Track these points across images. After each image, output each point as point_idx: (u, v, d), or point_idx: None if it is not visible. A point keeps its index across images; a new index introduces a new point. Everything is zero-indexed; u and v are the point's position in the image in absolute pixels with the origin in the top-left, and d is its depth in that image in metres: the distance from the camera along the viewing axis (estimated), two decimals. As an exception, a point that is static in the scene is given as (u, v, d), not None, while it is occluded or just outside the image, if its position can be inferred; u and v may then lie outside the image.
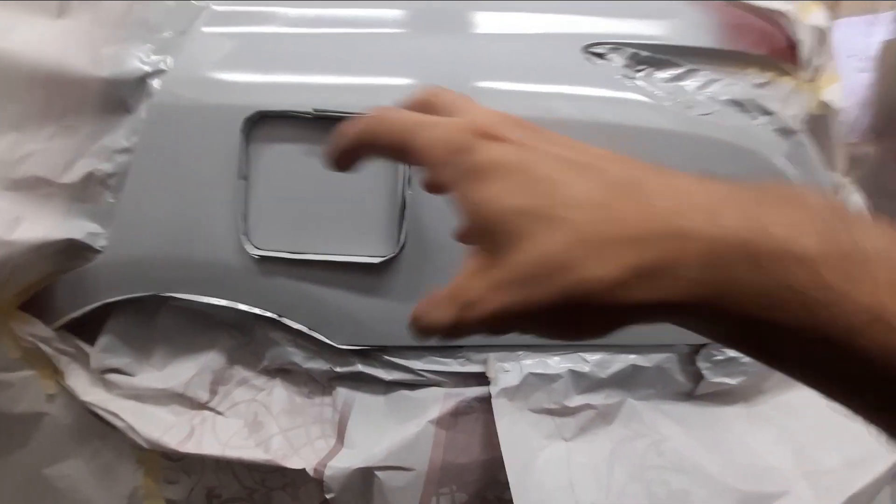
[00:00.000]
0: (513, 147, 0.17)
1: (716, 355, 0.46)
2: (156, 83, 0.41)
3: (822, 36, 0.49)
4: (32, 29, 0.36)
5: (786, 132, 0.46)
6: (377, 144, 0.19)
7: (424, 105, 0.20)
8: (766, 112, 0.46)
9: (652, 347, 0.45)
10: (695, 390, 0.47)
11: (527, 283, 0.16)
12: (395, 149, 0.19)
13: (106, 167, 0.41)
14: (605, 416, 0.44)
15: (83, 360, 0.44)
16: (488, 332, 0.17)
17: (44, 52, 0.37)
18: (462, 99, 0.20)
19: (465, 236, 0.18)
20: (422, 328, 0.18)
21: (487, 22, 0.46)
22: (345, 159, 0.20)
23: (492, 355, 0.45)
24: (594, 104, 0.43)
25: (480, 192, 0.16)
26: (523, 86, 0.43)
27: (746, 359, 0.45)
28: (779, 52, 0.48)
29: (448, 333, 0.18)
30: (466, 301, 0.17)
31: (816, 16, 0.49)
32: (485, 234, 0.17)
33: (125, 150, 0.41)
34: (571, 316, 0.16)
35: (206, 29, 0.42)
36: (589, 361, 0.44)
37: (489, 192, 0.16)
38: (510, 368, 0.44)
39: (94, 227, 0.42)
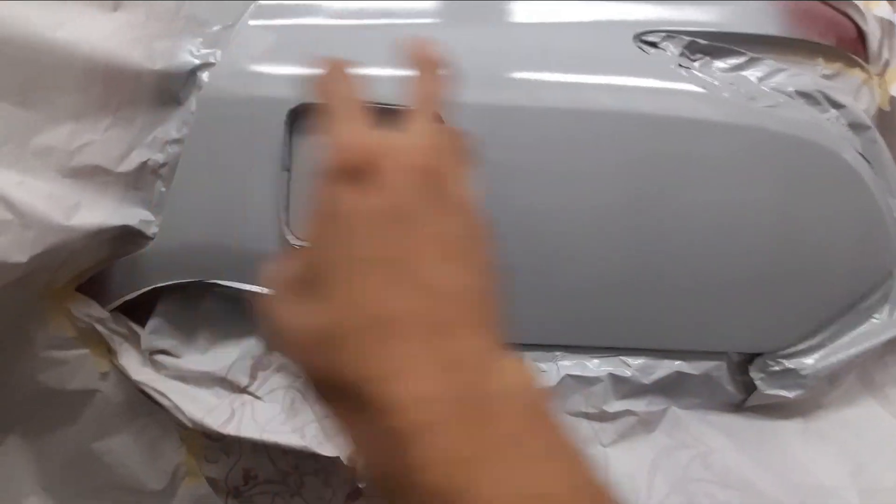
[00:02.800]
0: (358, 206, 0.16)
1: (771, 366, 0.42)
2: (205, 76, 0.41)
3: (890, 28, 0.44)
4: (90, 22, 0.37)
5: (858, 127, 0.42)
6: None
7: (414, 58, 0.19)
8: (837, 105, 0.42)
9: (700, 354, 0.42)
10: (745, 402, 0.43)
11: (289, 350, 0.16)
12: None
13: (158, 157, 0.42)
14: (647, 423, 0.41)
15: (135, 340, 0.45)
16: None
17: (100, 46, 0.37)
18: (419, 85, 0.18)
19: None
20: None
21: (533, 11, 0.44)
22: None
23: (527, 355, 0.43)
24: (642, 95, 0.41)
25: (309, 230, 0.16)
26: (566, 76, 0.41)
27: (806, 371, 0.42)
28: (847, 42, 0.44)
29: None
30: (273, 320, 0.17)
31: (883, 7, 0.45)
32: (306, 263, 0.17)
33: (176, 142, 0.42)
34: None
35: (252, 22, 0.42)
36: (631, 366, 0.42)
37: (310, 232, 0.16)
38: (546, 369, 0.42)
39: (146, 215, 0.43)
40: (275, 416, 0.45)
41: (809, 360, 0.42)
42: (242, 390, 0.46)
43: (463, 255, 0.16)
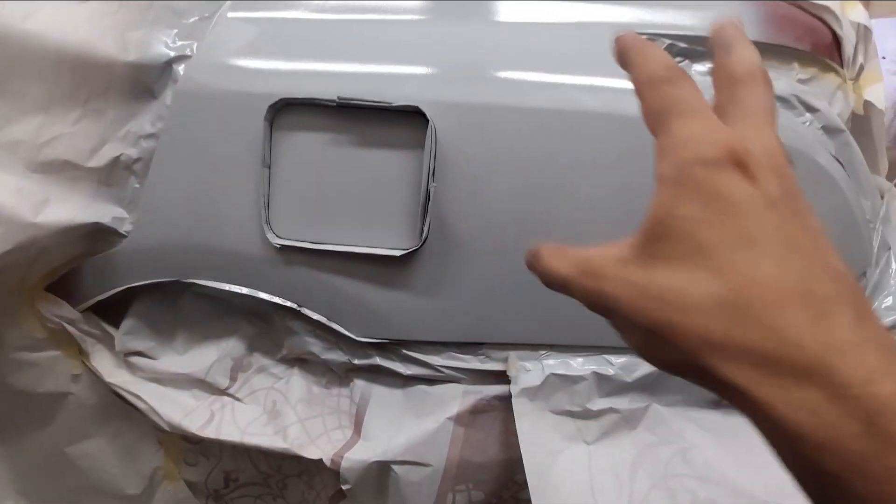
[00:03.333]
0: (755, 196, 0.16)
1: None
2: (181, 69, 0.39)
3: (865, 33, 0.45)
4: (60, 11, 0.35)
5: (832, 131, 0.42)
6: (637, 89, 0.18)
7: (724, 67, 0.19)
8: (812, 109, 0.42)
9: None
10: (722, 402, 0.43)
11: (652, 303, 0.16)
12: (646, 112, 0.18)
13: (132, 152, 0.40)
14: (630, 420, 0.41)
15: (108, 342, 0.43)
16: (584, 304, 0.18)
17: (70, 35, 0.35)
18: (758, 95, 0.18)
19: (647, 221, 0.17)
20: (536, 267, 0.19)
21: (515, 11, 0.43)
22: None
23: (513, 354, 0.42)
24: (622, 97, 0.40)
25: (691, 210, 0.16)
26: (547, 76, 0.41)
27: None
28: (822, 47, 0.44)
29: (552, 284, 0.18)
30: (593, 272, 0.17)
31: (858, 12, 0.45)
32: (657, 232, 0.16)
33: (150, 136, 0.40)
34: (663, 350, 0.16)
35: (231, 14, 0.41)
36: (614, 364, 0.41)
37: (696, 215, 0.16)
38: (531, 368, 0.42)
39: (119, 212, 0.41)
40: (256, 417, 0.43)
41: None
42: (222, 392, 0.45)
43: (830, 243, 0.16)
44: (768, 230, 0.15)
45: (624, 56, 0.19)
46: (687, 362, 0.15)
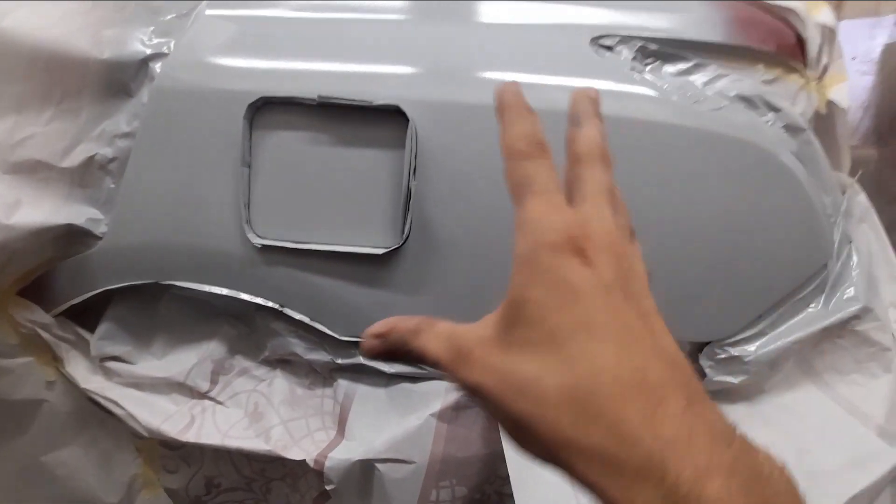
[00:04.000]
0: (592, 282, 0.16)
1: (719, 354, 0.44)
2: (157, 67, 0.39)
3: (829, 34, 0.47)
4: (33, 10, 0.34)
5: (794, 130, 0.44)
6: (502, 152, 0.19)
7: (571, 142, 0.19)
8: (774, 109, 0.43)
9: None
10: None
11: (513, 393, 0.16)
12: (506, 180, 0.18)
13: (107, 152, 0.39)
14: (608, 412, 0.41)
15: (83, 347, 0.42)
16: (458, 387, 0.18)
17: (45, 34, 0.34)
18: (597, 175, 0.18)
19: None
20: (409, 346, 0.18)
21: (494, 11, 0.43)
22: None
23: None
24: (601, 97, 0.41)
25: (540, 295, 0.16)
26: (526, 76, 0.41)
27: (749, 358, 0.43)
28: (787, 49, 0.46)
29: (424, 362, 0.18)
30: (462, 355, 0.17)
31: (824, 14, 0.47)
32: (515, 315, 0.16)
33: (126, 135, 0.39)
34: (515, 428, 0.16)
35: (209, 12, 0.40)
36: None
37: (544, 300, 0.16)
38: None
39: (94, 213, 0.40)
40: (238, 421, 0.42)
41: (752, 348, 0.43)
42: (203, 396, 0.43)
43: (668, 331, 0.17)
44: (605, 316, 0.15)
45: (499, 112, 0.19)
46: (549, 456, 0.15)
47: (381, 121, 0.39)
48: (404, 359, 0.19)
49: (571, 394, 0.15)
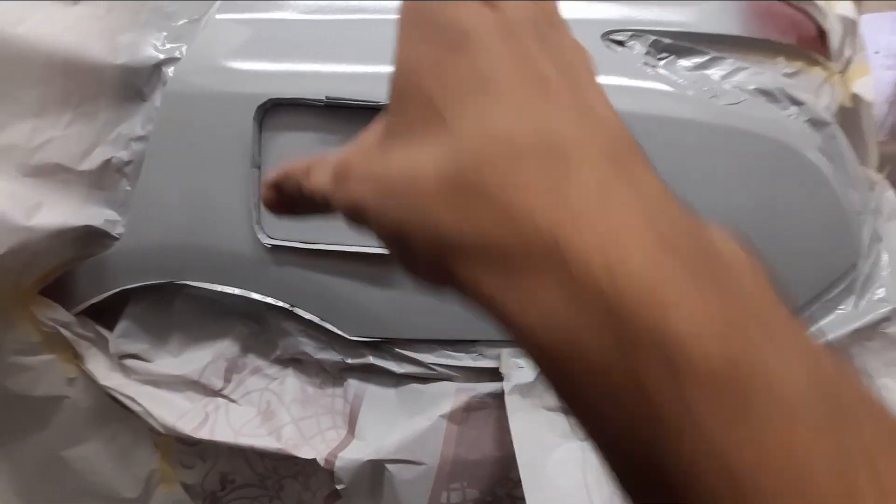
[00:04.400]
0: (489, 21, 0.11)
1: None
2: (170, 71, 0.39)
3: (851, 26, 0.45)
4: (49, 16, 0.35)
5: (818, 124, 0.42)
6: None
7: None
8: (797, 102, 0.41)
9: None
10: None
11: (387, 199, 0.12)
12: None
13: (123, 155, 0.40)
14: (622, 415, 0.40)
15: (102, 345, 0.43)
16: (346, 220, 0.13)
17: (61, 40, 0.35)
18: None
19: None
20: (304, 190, 0.14)
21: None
22: None
23: (505, 351, 0.42)
24: (612, 93, 0.39)
25: (420, 54, 0.11)
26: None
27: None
28: (808, 41, 0.44)
29: (319, 205, 0.14)
30: (343, 173, 0.13)
31: (845, 6, 0.45)
32: (394, 101, 0.12)
33: (141, 138, 0.39)
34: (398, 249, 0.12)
35: (219, 17, 0.40)
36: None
37: (424, 59, 0.11)
38: (524, 365, 0.41)
39: (111, 215, 0.40)
40: (250, 419, 0.43)
41: (778, 351, 0.41)
42: (216, 393, 0.44)
43: (597, 81, 0.12)
44: (505, 65, 0.11)
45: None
46: (432, 270, 0.11)
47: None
48: (304, 207, 0.15)
49: (452, 175, 0.11)
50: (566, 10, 0.50)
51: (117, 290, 0.41)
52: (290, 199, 0.15)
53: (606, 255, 0.09)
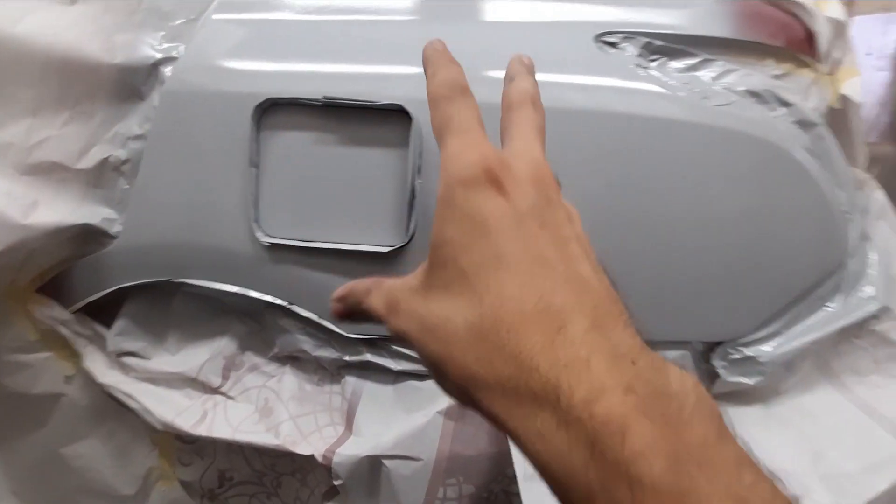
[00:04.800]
0: (505, 212, 0.15)
1: (732, 354, 0.42)
2: (168, 71, 0.39)
3: (840, 28, 0.45)
4: (46, 15, 0.35)
5: (806, 124, 0.42)
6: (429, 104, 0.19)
7: (505, 95, 0.20)
8: (785, 103, 0.42)
9: (664, 344, 0.42)
10: (709, 389, 0.43)
11: (428, 335, 0.16)
12: (433, 127, 0.18)
13: (120, 154, 0.39)
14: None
15: (100, 342, 0.43)
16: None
17: (57, 39, 0.35)
18: (528, 116, 0.19)
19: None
20: (362, 308, 0.19)
21: (498, 10, 0.43)
22: None
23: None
24: (606, 94, 0.40)
25: (453, 233, 0.16)
26: (535, 75, 0.40)
27: (764, 358, 0.42)
28: (796, 43, 0.44)
29: (370, 321, 0.19)
30: (392, 306, 0.17)
31: (834, 8, 0.45)
32: (433, 259, 0.16)
33: (138, 137, 0.39)
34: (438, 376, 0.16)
35: (217, 16, 0.40)
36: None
37: (457, 238, 0.15)
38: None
39: (109, 213, 0.40)
40: (248, 415, 0.43)
41: (767, 348, 0.42)
42: (214, 391, 0.44)
43: (593, 256, 0.16)
44: (515, 246, 0.15)
45: (424, 66, 0.20)
46: (461, 394, 0.15)
47: (385, 120, 0.39)
48: (361, 318, 0.19)
49: (478, 329, 0.14)
50: (559, 13, 0.50)
51: (115, 288, 0.41)
52: (350, 312, 0.20)
53: (587, 398, 0.13)
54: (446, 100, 0.18)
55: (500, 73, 0.41)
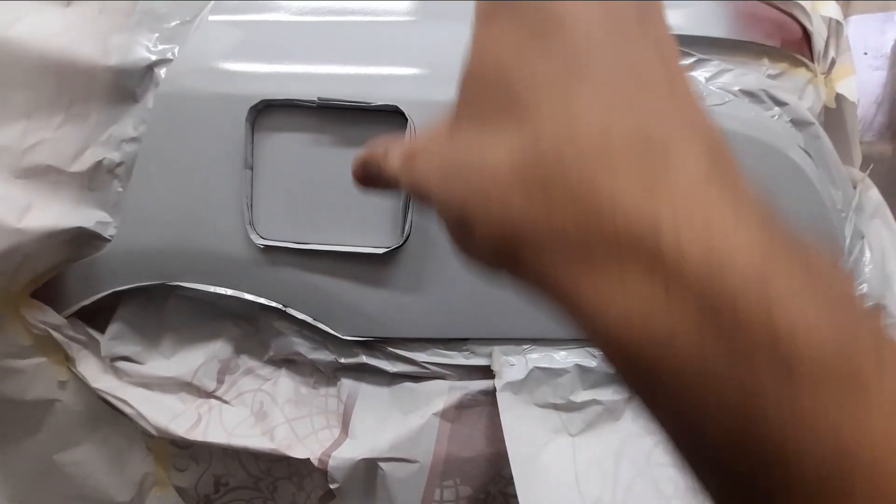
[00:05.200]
0: (590, 10, 0.11)
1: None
2: (162, 73, 0.39)
3: (836, 28, 0.45)
4: (41, 18, 0.35)
5: (801, 124, 0.42)
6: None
7: None
8: (781, 103, 0.42)
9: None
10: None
11: (453, 181, 0.11)
12: None
13: (114, 156, 0.39)
14: (613, 412, 0.40)
15: (94, 347, 0.42)
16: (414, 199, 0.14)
17: (52, 41, 0.35)
18: None
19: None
20: (383, 174, 0.15)
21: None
22: None
23: (497, 349, 0.42)
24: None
25: (505, 40, 0.11)
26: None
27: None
28: (793, 43, 0.45)
29: (389, 184, 0.15)
30: (410, 153, 0.13)
31: (830, 8, 0.46)
32: (469, 85, 0.12)
33: (133, 140, 0.39)
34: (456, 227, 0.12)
35: (212, 18, 0.40)
36: (596, 356, 0.41)
37: (511, 46, 0.11)
38: (515, 362, 0.41)
39: (103, 216, 0.40)
40: (243, 419, 0.42)
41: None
42: (209, 395, 0.43)
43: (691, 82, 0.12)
44: (604, 56, 0.10)
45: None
46: (492, 254, 0.11)
47: (380, 122, 0.39)
48: (384, 185, 0.15)
49: (531, 164, 0.10)
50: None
51: (109, 292, 0.41)
52: (372, 177, 0.16)
53: (709, 249, 0.09)
54: None
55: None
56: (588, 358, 0.41)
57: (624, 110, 0.10)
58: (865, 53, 0.67)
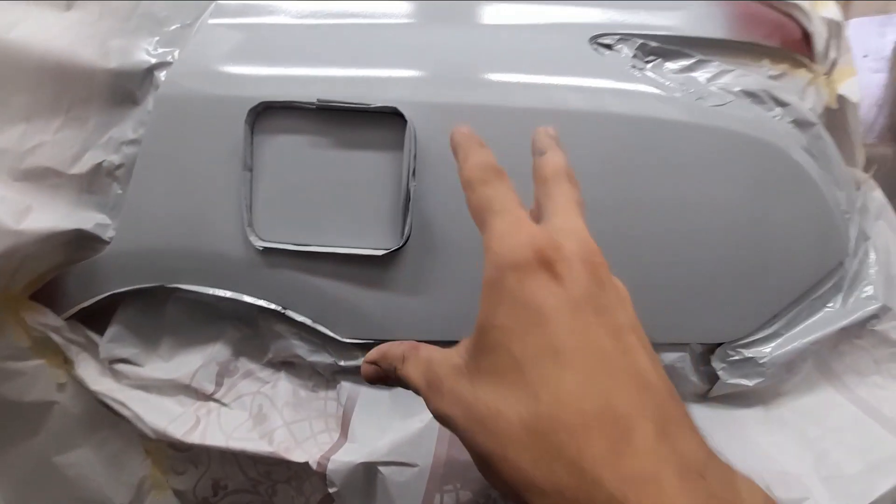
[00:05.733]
0: (560, 301, 0.15)
1: (732, 355, 0.42)
2: (162, 75, 0.39)
3: (836, 28, 0.45)
4: (41, 21, 0.35)
5: (803, 124, 0.42)
6: (463, 188, 0.19)
7: (537, 168, 0.19)
8: (782, 103, 0.42)
9: (663, 346, 0.41)
10: (709, 392, 0.43)
11: (476, 426, 0.15)
12: (471, 212, 0.18)
13: (114, 159, 0.40)
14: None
15: (92, 349, 0.43)
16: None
17: (52, 44, 0.35)
18: (565, 190, 0.18)
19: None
20: (398, 374, 0.18)
21: (493, 13, 0.43)
22: None
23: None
24: (603, 95, 0.40)
25: (504, 319, 0.15)
26: (531, 77, 0.41)
27: (764, 359, 0.41)
28: (793, 43, 0.45)
29: (407, 387, 0.18)
30: (434, 384, 0.17)
31: (830, 8, 0.46)
32: (481, 342, 0.16)
33: (132, 142, 0.39)
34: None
35: (212, 21, 0.41)
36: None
37: (509, 325, 0.15)
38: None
39: (102, 218, 0.40)
40: (242, 422, 0.42)
41: (767, 349, 0.42)
42: (208, 397, 0.43)
43: (647, 342, 0.16)
44: (572, 338, 0.14)
45: (454, 152, 0.20)
46: (513, 495, 0.15)
47: (380, 123, 0.39)
48: (395, 384, 0.19)
49: (533, 429, 0.14)
50: (555, 15, 0.51)
51: (108, 294, 0.41)
52: (384, 376, 0.19)
53: None
54: (482, 182, 0.18)
55: (496, 76, 0.42)
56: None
57: (592, 388, 0.14)
58: (865, 56, 0.67)
